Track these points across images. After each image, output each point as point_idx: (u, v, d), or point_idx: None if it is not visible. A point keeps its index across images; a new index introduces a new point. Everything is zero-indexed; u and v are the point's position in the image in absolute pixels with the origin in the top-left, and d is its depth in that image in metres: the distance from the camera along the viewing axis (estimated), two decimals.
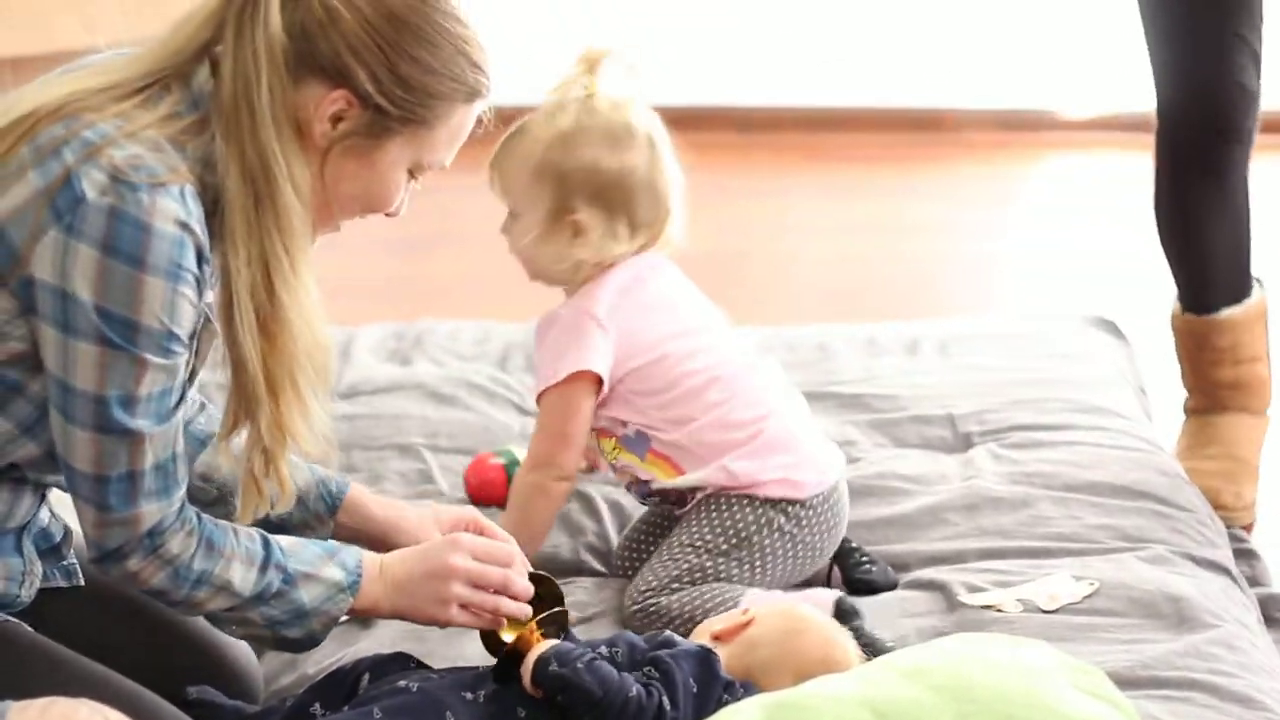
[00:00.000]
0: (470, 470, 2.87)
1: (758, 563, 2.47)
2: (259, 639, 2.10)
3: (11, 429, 1.96)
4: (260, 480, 2.01)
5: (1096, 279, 4.47)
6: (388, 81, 1.95)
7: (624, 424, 2.53)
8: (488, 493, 2.80)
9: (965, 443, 3.00)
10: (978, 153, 5.72)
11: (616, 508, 2.76)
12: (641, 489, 2.56)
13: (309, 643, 2.09)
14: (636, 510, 2.70)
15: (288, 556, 2.05)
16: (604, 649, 2.08)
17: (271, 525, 2.16)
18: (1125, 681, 2.21)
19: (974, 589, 2.48)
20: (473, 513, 2.32)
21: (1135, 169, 5.46)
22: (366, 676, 2.13)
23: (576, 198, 2.46)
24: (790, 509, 2.48)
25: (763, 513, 2.47)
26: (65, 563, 2.17)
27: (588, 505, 2.78)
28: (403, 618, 2.16)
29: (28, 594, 2.06)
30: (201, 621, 2.19)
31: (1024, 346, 3.47)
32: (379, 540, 2.26)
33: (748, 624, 2.16)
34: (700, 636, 2.17)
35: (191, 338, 1.93)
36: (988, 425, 3.03)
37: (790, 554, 2.49)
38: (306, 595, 2.05)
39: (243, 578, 2.02)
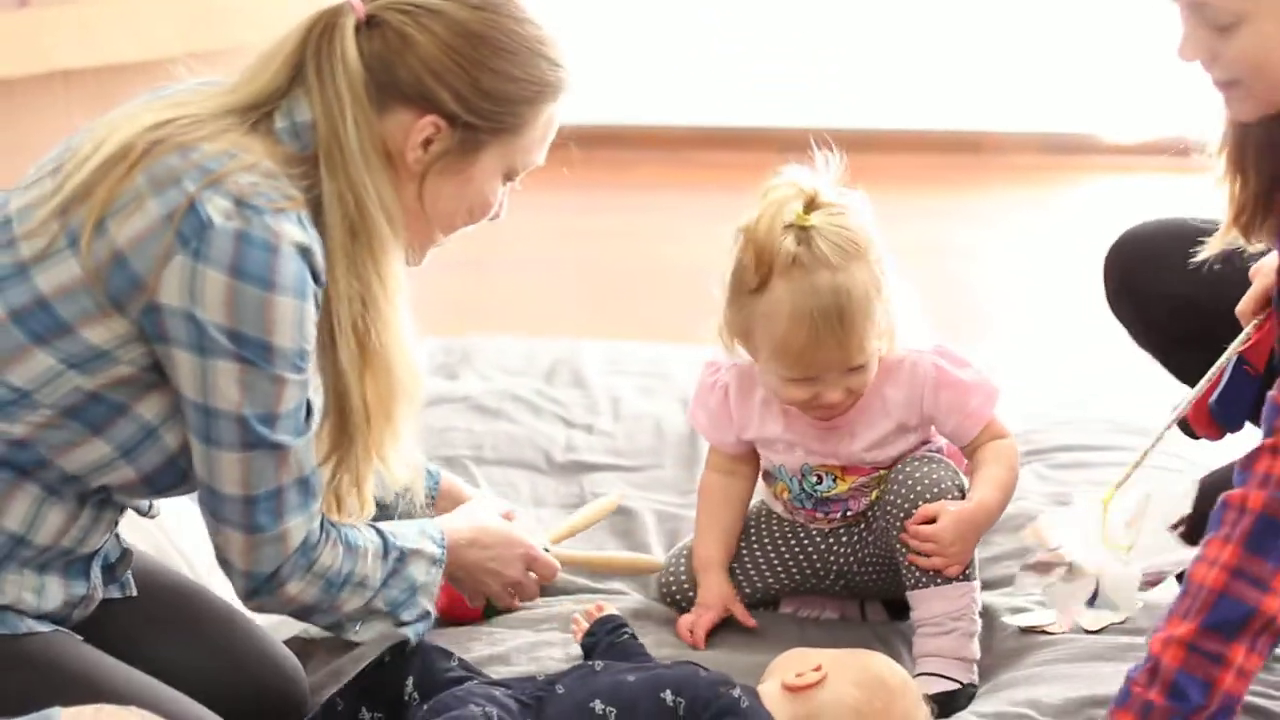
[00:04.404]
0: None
1: None
2: (384, 636, 2.15)
3: (111, 451, 1.97)
4: (343, 498, 2.05)
5: None
6: (473, 97, 1.97)
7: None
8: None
9: None
10: (1019, 175, 5.71)
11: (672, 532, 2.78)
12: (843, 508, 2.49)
13: (424, 624, 2.18)
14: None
15: (396, 537, 2.15)
16: (669, 695, 2.06)
17: (381, 519, 2.23)
18: None
19: (1017, 610, 2.48)
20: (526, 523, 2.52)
21: (1177, 193, 5.47)
22: (411, 680, 2.14)
23: None
24: None
25: None
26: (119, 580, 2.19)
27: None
28: (459, 589, 2.35)
29: (80, 615, 2.08)
30: (250, 630, 2.21)
31: (1069, 368, 3.48)
32: None
33: (819, 683, 2.09)
34: (774, 676, 2.13)
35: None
36: (1033, 445, 3.03)
37: None
38: (416, 571, 2.15)
39: (374, 569, 2.10)
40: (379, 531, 2.13)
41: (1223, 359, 2.31)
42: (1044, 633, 2.42)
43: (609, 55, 5.74)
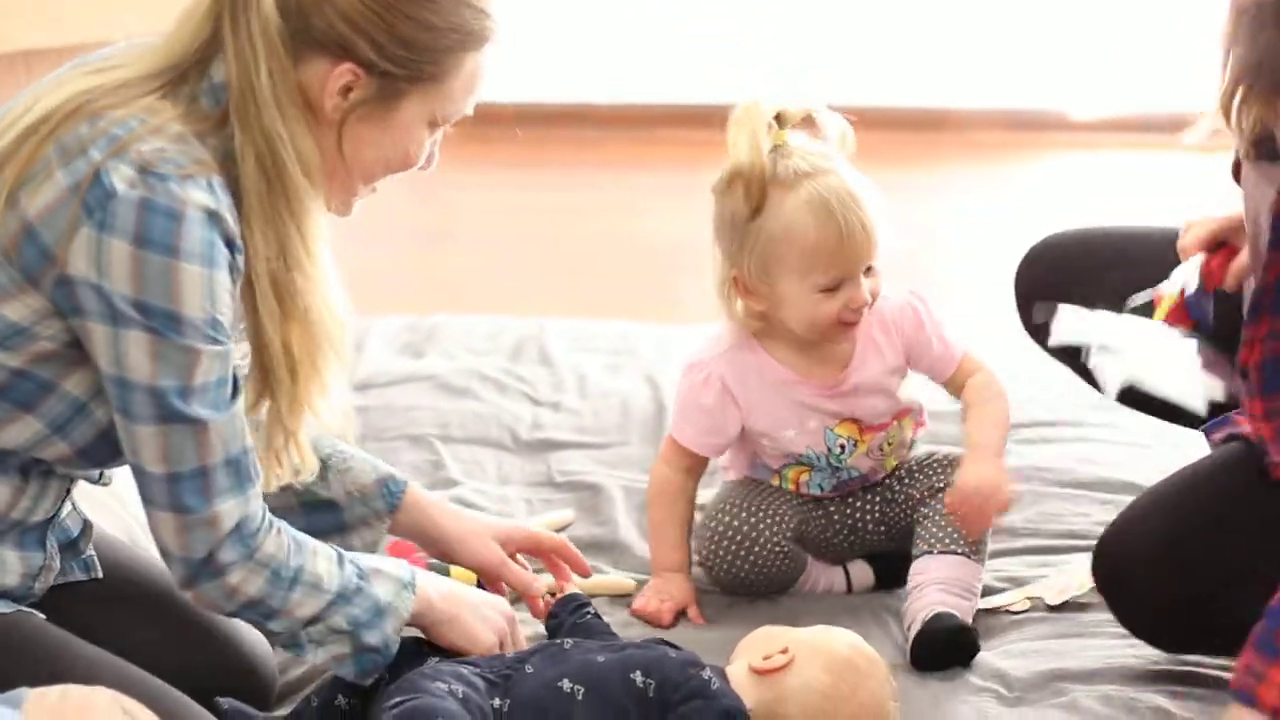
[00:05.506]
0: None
1: None
2: (339, 659, 2.05)
3: (43, 428, 1.96)
4: (280, 453, 2.02)
5: None
6: (390, 45, 1.92)
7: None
8: None
9: None
10: (985, 152, 5.72)
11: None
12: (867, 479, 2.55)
13: (385, 654, 2.06)
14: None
15: (351, 552, 2.06)
16: (639, 677, 2.05)
17: (331, 522, 2.23)
18: (1134, 677, 2.23)
19: (985, 591, 2.48)
20: (524, 531, 2.40)
21: (1143, 170, 5.49)
22: None
23: None
24: None
25: None
26: (83, 556, 2.17)
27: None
28: (445, 630, 2.14)
29: (41, 587, 2.07)
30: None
31: (1034, 344, 3.48)
32: (433, 543, 2.34)
33: (786, 666, 2.07)
34: (741, 656, 2.12)
35: (230, 326, 1.92)
36: None
37: None
38: (380, 590, 2.04)
39: (329, 572, 2.01)
40: (332, 546, 2.06)
41: (1173, 279, 2.36)
42: (1009, 613, 2.44)
43: (575, 34, 5.74)
